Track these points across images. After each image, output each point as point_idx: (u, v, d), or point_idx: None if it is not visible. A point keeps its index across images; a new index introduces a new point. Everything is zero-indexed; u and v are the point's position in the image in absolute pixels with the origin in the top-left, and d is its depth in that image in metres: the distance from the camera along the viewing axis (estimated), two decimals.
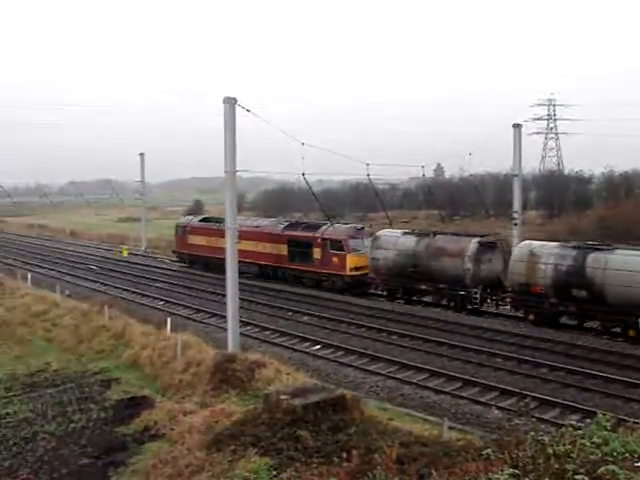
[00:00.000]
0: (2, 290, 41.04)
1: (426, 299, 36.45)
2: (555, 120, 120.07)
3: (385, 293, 38.46)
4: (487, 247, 34.30)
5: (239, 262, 46.60)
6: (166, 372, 22.74)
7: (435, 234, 36.58)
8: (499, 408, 20.26)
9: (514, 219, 38.70)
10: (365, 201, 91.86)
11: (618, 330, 28.78)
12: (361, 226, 44.84)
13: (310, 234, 42.19)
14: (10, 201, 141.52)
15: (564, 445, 7.73)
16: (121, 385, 22.39)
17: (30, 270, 48.68)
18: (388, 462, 13.29)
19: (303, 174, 27.40)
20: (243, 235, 43.53)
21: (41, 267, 55.56)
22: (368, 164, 33.14)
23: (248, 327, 30.42)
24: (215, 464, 14.45)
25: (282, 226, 45.41)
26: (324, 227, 42.45)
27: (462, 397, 21.60)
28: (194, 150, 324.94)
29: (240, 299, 24.63)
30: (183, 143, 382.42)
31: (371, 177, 37.76)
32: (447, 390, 22.25)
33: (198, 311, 35.41)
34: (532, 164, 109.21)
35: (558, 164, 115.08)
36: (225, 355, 21.89)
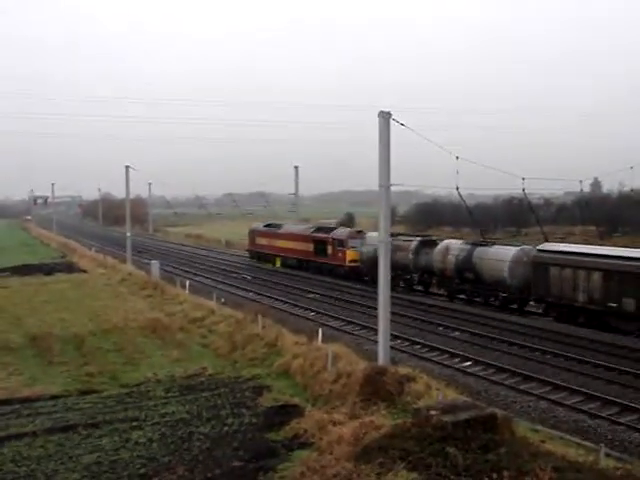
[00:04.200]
0: (163, 297, 43.07)
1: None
2: None
3: (368, 279, 49.51)
4: (426, 244, 45.87)
5: (284, 257, 62.21)
6: (316, 382, 22.96)
7: (399, 235, 50.47)
8: None
9: None
10: (518, 216, 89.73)
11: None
12: (360, 229, 59.35)
13: (326, 235, 55.91)
14: (171, 212, 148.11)
15: None
16: (272, 393, 22.80)
17: (188, 278, 50.74)
18: None
19: (457, 188, 26.96)
20: (287, 236, 62.28)
21: (198, 275, 57.90)
22: (524, 178, 32.10)
23: (398, 340, 30.34)
24: (363, 476, 14.43)
25: (310, 230, 59.67)
26: (335, 230, 57.20)
27: (620, 423, 20.59)
28: (348, 163, 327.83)
29: (390, 312, 24.54)
30: (337, 156, 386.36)
31: (526, 192, 36.89)
32: (603, 415, 21.25)
33: (348, 323, 35.67)
34: None
35: None
36: (375, 368, 21.85)
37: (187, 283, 44.98)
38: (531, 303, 38.90)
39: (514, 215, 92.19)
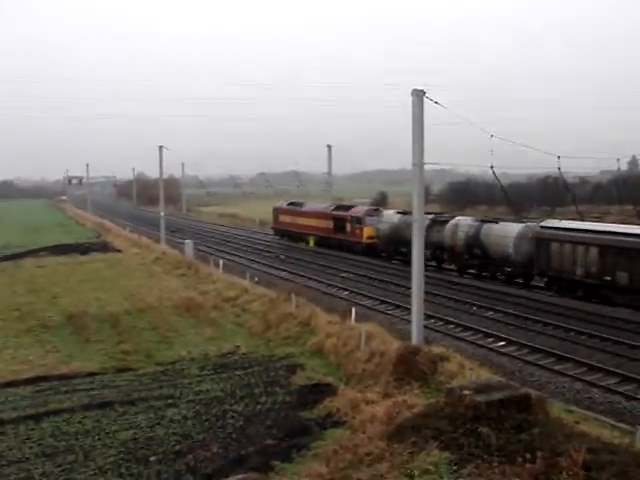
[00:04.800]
0: (197, 276, 43.39)
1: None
2: None
3: (385, 255, 52.38)
4: (438, 222, 46.67)
5: (305, 234, 65.09)
6: (349, 361, 23.03)
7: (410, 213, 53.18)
8: None
9: None
10: (553, 195, 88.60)
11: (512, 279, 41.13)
12: (376, 207, 62.32)
13: (345, 213, 57.88)
14: (204, 191, 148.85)
15: None
16: (306, 371, 22.92)
17: (222, 257, 50.97)
18: (574, 467, 12.80)
19: (492, 167, 26.54)
20: (308, 214, 64.49)
21: (231, 254, 58.15)
22: (559, 157, 31.55)
23: (432, 320, 30.23)
24: (395, 454, 14.45)
25: (331, 208, 61.09)
26: (354, 208, 58.84)
27: None
28: (382, 141, 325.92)
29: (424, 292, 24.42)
30: (371, 134, 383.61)
31: (561, 170, 36.41)
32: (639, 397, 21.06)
33: (382, 302, 35.62)
34: None
35: None
36: (409, 347, 21.83)
37: (220, 262, 45.21)
38: (536, 277, 39.81)
39: (549, 194, 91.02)
